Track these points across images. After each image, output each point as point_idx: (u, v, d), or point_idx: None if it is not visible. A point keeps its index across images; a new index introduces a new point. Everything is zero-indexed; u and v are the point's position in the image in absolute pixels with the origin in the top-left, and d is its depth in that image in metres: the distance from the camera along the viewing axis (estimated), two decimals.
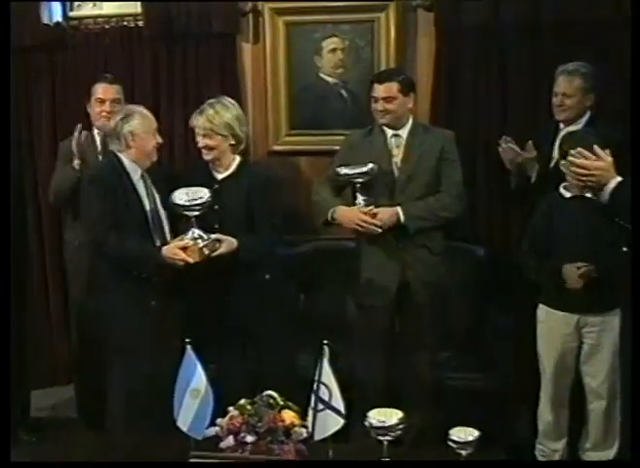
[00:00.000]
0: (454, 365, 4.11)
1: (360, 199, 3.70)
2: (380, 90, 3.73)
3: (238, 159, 3.71)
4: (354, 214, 3.67)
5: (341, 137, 4.11)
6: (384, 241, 3.76)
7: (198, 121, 3.61)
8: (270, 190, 3.69)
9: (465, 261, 4.31)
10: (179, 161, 4.55)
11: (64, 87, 4.72)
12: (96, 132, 4.19)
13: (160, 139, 3.63)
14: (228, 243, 3.54)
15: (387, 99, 3.72)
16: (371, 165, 3.67)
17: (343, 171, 3.70)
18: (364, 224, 3.65)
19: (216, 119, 3.60)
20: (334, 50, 4.55)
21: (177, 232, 3.58)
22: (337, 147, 4.02)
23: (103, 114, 4.11)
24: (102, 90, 4.14)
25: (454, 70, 4.45)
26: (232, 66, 4.62)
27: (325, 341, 2.70)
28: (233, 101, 3.71)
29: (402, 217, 3.70)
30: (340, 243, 4.28)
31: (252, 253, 3.59)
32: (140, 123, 3.57)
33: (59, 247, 4.66)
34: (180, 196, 3.46)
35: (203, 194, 3.47)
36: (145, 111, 3.64)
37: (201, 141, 3.63)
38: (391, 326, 3.88)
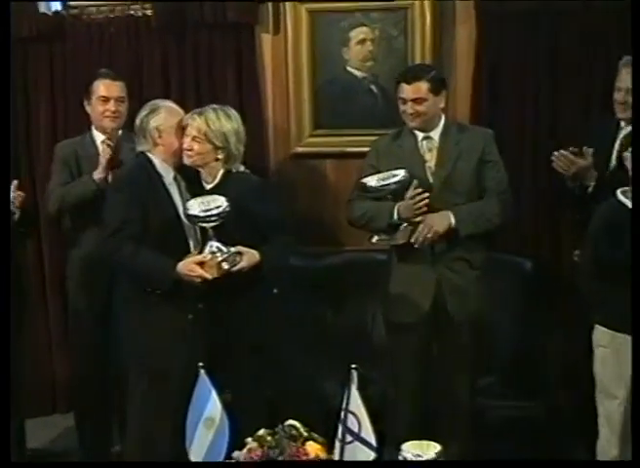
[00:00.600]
0: (497, 391, 4.12)
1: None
2: (408, 90, 3.74)
3: (222, 170, 3.69)
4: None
5: (372, 138, 4.13)
6: (419, 252, 3.77)
7: (194, 121, 3.61)
8: (265, 197, 3.69)
9: (510, 275, 4.32)
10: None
11: (64, 82, 4.75)
12: (95, 134, 4.21)
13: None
14: (250, 256, 3.54)
15: (417, 101, 3.73)
16: (402, 172, 3.69)
17: (371, 183, 3.72)
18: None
19: (214, 125, 3.61)
20: (362, 40, 4.57)
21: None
22: (366, 149, 4.03)
23: (107, 114, 4.14)
24: (105, 87, 4.15)
25: (496, 62, 4.48)
26: (250, 60, 4.66)
27: (353, 365, 2.71)
28: (237, 115, 3.71)
29: (452, 220, 3.69)
30: (370, 254, 4.30)
31: (275, 266, 3.62)
32: (167, 117, 3.60)
33: (59, 261, 4.68)
34: (195, 206, 3.48)
35: (220, 203, 3.48)
36: (174, 106, 3.68)
37: (188, 143, 3.61)
38: (426, 347, 3.89)
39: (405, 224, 3.72)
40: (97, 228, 3.79)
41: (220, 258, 3.47)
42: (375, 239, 3.80)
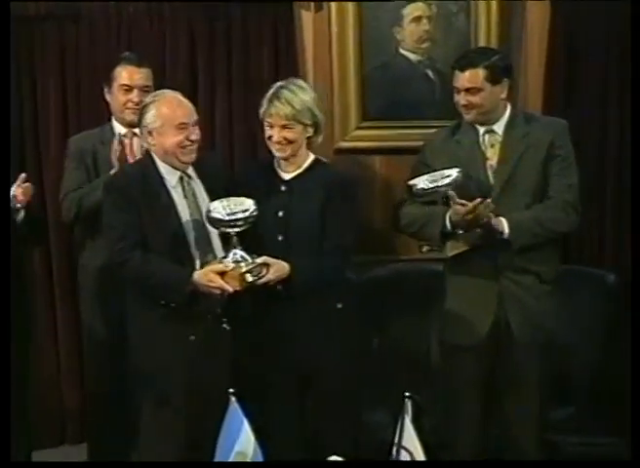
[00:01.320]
0: (574, 425, 4.10)
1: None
2: (461, 79, 3.77)
3: (312, 156, 3.78)
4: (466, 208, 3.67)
5: (428, 131, 4.16)
6: (478, 263, 3.77)
7: (276, 108, 3.65)
8: (349, 198, 3.73)
9: (589, 291, 4.30)
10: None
11: (77, 68, 4.73)
12: (116, 125, 4.25)
13: (194, 135, 3.63)
14: (278, 268, 3.55)
15: (471, 91, 3.76)
16: (455, 172, 3.68)
17: (420, 185, 3.71)
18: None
19: (297, 103, 3.66)
20: (418, 18, 4.57)
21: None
22: (420, 143, 4.05)
23: (130, 105, 4.16)
24: (129, 74, 4.17)
25: (573, 45, 4.48)
26: (288, 41, 4.65)
27: (406, 393, 2.68)
28: (307, 84, 3.83)
29: (506, 229, 3.69)
30: (423, 265, 4.31)
31: (309, 282, 3.61)
32: (156, 114, 3.61)
33: (69, 271, 4.72)
34: (218, 208, 3.51)
35: (247, 206, 3.52)
36: (169, 97, 3.68)
37: (277, 135, 3.67)
38: (486, 372, 3.88)
39: (460, 233, 3.73)
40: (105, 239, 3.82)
41: (244, 269, 3.48)
42: (425, 249, 3.88)
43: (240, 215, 3.49)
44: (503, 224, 3.69)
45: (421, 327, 4.37)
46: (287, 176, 3.76)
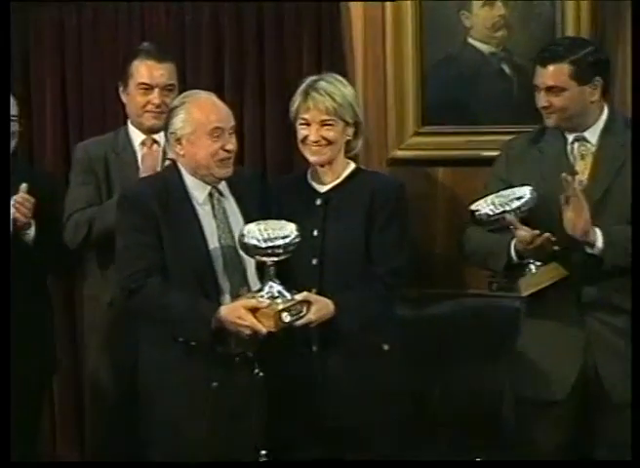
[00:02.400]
0: None
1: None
2: (542, 75, 3.77)
3: (352, 164, 3.83)
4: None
5: (503, 138, 4.13)
6: (559, 299, 3.76)
7: (314, 100, 3.72)
8: (399, 212, 3.77)
9: None
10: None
11: (82, 60, 4.81)
12: (133, 131, 4.29)
13: (231, 145, 3.68)
14: (321, 307, 3.59)
15: (553, 90, 3.75)
16: (528, 192, 3.71)
17: (483, 211, 3.76)
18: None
19: (338, 95, 3.73)
20: (491, 1, 4.52)
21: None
22: (495, 153, 4.05)
23: (150, 108, 4.20)
24: (148, 70, 4.20)
25: None
26: (333, 32, 4.67)
27: (478, 459, 2.64)
28: (341, 77, 3.88)
29: (599, 242, 3.67)
30: (494, 300, 4.33)
31: (355, 323, 3.65)
32: (187, 119, 3.65)
33: (70, 305, 4.82)
34: (253, 232, 3.54)
35: (288, 231, 3.55)
36: (202, 99, 3.72)
37: (315, 134, 3.73)
38: (571, 435, 3.86)
39: (533, 266, 3.74)
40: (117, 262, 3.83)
41: (280, 306, 3.49)
42: (494, 287, 3.95)
43: (279, 242, 3.52)
44: (597, 235, 3.66)
45: (491, 377, 4.35)
46: (323, 188, 3.82)
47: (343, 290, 3.66)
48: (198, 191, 3.69)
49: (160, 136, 4.12)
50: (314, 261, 3.72)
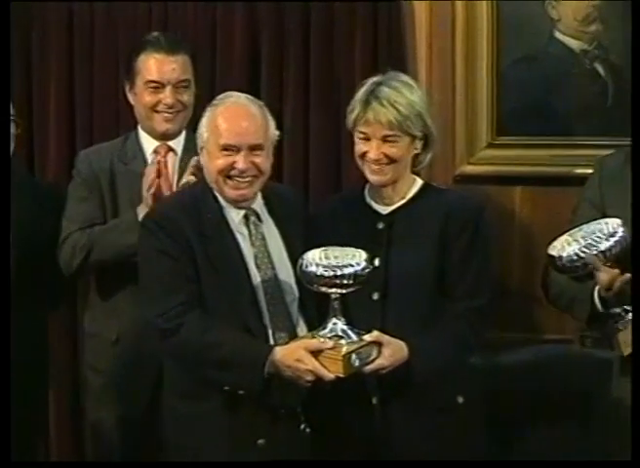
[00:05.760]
0: None
1: None
2: None
3: (419, 181, 3.63)
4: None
5: (597, 152, 3.91)
6: None
7: (375, 112, 3.48)
8: (480, 238, 3.56)
9: None
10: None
11: (92, 57, 4.66)
12: (143, 137, 4.09)
13: (244, 164, 3.44)
14: (394, 351, 3.36)
15: None
16: (619, 231, 3.40)
17: (565, 254, 3.41)
18: None
19: (404, 105, 3.48)
20: None
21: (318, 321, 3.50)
22: (587, 171, 3.83)
23: (161, 108, 3.99)
24: (157, 65, 3.96)
25: None
26: (391, 26, 4.46)
27: None
28: (409, 78, 3.69)
29: None
30: (583, 350, 4.14)
31: (431, 371, 3.42)
32: (206, 125, 3.48)
33: (70, 343, 4.65)
34: (316, 259, 3.35)
35: (358, 259, 3.33)
36: (232, 105, 3.50)
37: (376, 150, 3.49)
38: None
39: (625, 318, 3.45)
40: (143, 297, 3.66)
41: (345, 349, 3.26)
42: (588, 342, 3.92)
43: (348, 271, 3.30)
44: None
45: (578, 441, 4.02)
46: (385, 210, 3.61)
47: (416, 330, 3.44)
48: (233, 212, 3.51)
49: (176, 144, 4.03)
50: (375, 296, 3.48)
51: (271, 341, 3.44)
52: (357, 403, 3.51)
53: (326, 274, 3.30)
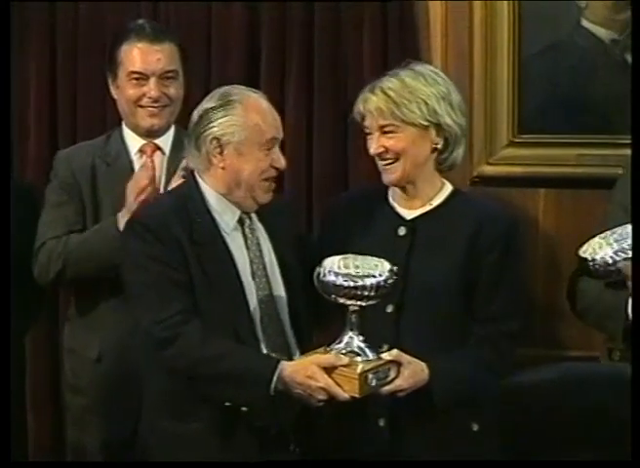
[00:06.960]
0: None
1: None
2: None
3: (449, 186, 3.51)
4: None
5: (626, 152, 3.76)
6: None
7: (368, 104, 3.39)
8: (516, 259, 3.44)
9: None
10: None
11: (76, 51, 4.60)
12: (128, 135, 3.97)
13: (280, 162, 3.38)
14: (415, 371, 3.25)
15: None
16: None
17: (598, 257, 3.30)
18: None
19: (397, 92, 3.35)
20: None
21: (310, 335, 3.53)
22: (617, 170, 3.78)
23: (146, 102, 3.88)
24: (140, 54, 3.86)
25: None
26: (403, 15, 4.37)
27: None
28: (439, 72, 3.53)
29: None
30: (611, 368, 3.77)
31: (455, 394, 3.30)
32: (240, 123, 3.33)
33: (50, 360, 4.53)
34: (337, 267, 3.26)
35: (381, 270, 3.24)
36: (254, 99, 3.40)
37: (375, 145, 3.41)
38: None
39: None
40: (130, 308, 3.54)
41: (362, 367, 3.15)
42: (616, 356, 3.71)
43: (370, 282, 3.19)
44: None
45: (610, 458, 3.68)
46: (409, 214, 3.47)
47: (432, 348, 3.33)
48: (227, 216, 3.39)
49: (164, 142, 3.91)
50: (389, 308, 3.35)
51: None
52: (361, 423, 3.39)
53: (346, 284, 3.21)
